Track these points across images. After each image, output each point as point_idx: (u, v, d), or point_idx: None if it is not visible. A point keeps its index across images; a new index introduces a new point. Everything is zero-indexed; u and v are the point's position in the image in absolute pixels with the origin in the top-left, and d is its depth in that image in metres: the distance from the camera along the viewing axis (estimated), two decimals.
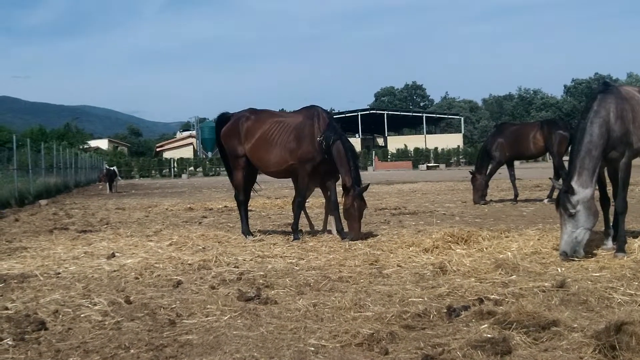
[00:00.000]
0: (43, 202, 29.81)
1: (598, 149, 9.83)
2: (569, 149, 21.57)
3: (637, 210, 15.28)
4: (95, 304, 7.70)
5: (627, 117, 10.14)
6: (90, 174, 66.46)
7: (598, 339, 5.66)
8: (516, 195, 22.03)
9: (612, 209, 10.82)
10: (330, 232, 13.45)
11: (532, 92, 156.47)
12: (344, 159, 12.75)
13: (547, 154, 22.99)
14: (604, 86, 10.56)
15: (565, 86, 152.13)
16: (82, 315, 7.25)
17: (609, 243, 10.69)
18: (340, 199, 13.10)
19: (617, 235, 10.35)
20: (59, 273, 9.93)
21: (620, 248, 10.02)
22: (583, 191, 9.66)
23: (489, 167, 22.28)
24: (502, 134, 22.31)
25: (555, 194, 20.75)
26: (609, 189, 11.03)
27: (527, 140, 21.81)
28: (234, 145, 13.73)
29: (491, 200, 22.27)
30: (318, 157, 12.86)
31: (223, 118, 14.42)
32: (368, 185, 12.97)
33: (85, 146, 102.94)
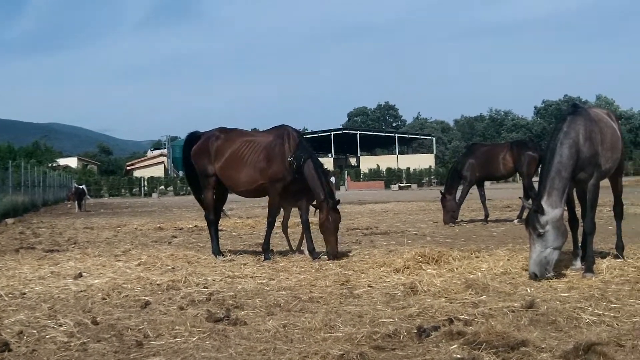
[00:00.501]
0: (10, 220, 29.50)
1: (567, 169, 9.90)
2: (539, 169, 21.78)
3: (605, 231, 15.37)
4: (61, 325, 7.59)
5: (596, 139, 10.22)
6: (59, 192, 66.05)
7: (566, 359, 5.66)
8: (487, 215, 22.11)
9: (580, 230, 10.89)
10: (303, 252, 13.42)
11: (503, 113, 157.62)
12: (316, 176, 12.74)
13: (517, 174, 23.16)
14: (573, 108, 10.64)
15: (535, 107, 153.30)
16: (47, 336, 7.13)
17: (578, 263, 10.75)
18: (312, 218, 13.08)
19: (585, 256, 10.41)
20: (25, 293, 9.79)
21: (589, 268, 10.06)
22: (552, 211, 9.71)
23: (460, 187, 22.41)
24: (473, 154, 22.45)
25: (525, 214, 20.91)
26: (578, 210, 11.10)
27: (497, 161, 21.95)
28: (204, 165, 13.68)
29: (462, 221, 22.34)
30: (288, 177, 12.84)
31: (193, 137, 14.37)
32: (338, 200, 12.95)
33: (54, 164, 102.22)
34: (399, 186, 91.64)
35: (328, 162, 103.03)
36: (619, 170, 11.57)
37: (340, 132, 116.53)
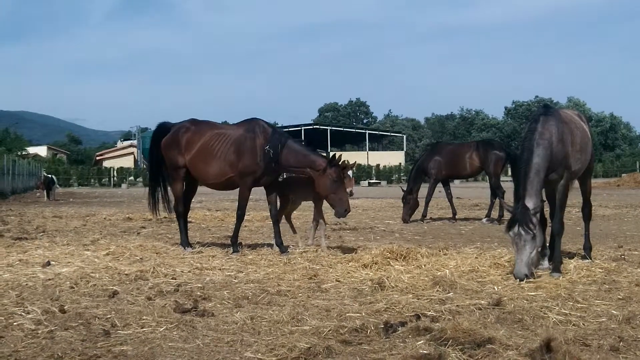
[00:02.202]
0: None
1: (544, 171, 9.97)
2: (505, 169, 21.89)
3: (573, 232, 15.50)
4: (28, 313, 7.56)
5: (567, 140, 10.30)
6: (28, 181, 65.50)
7: (532, 357, 5.74)
8: (454, 213, 22.18)
9: (548, 230, 10.96)
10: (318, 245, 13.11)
11: (473, 112, 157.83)
12: (302, 148, 12.77)
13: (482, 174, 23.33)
14: (544, 109, 10.70)
15: (505, 108, 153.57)
16: (14, 323, 7.11)
17: (545, 263, 10.80)
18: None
19: (553, 256, 10.47)
20: None
21: (556, 268, 10.14)
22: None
23: (428, 185, 22.50)
24: (440, 153, 22.48)
25: (495, 214, 21.02)
26: (546, 210, 11.18)
27: (463, 160, 22.02)
28: (174, 156, 13.60)
29: (430, 219, 22.39)
30: (259, 171, 12.77)
31: (162, 128, 14.24)
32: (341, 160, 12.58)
33: (24, 153, 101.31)
34: (369, 183, 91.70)
35: None
36: (589, 171, 11.66)
37: (311, 127, 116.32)
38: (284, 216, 13.95)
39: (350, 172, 12.53)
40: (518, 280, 9.46)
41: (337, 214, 12.37)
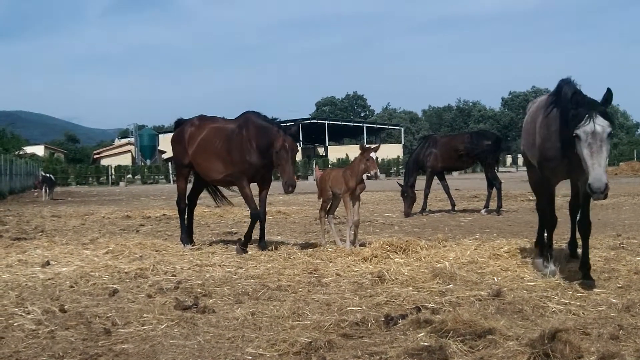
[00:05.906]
0: None
1: None
2: (500, 159, 21.82)
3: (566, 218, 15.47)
4: (28, 313, 7.57)
5: None
6: (26, 180, 65.35)
7: (533, 347, 5.74)
8: (453, 205, 22.19)
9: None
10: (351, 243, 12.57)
11: (470, 103, 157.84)
12: (258, 123, 12.57)
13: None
14: (565, 82, 9.85)
15: (502, 99, 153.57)
16: (15, 324, 7.12)
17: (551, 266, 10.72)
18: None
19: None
20: None
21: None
22: None
23: (425, 178, 22.46)
24: (435, 145, 22.39)
25: (493, 204, 21.00)
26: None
27: (457, 151, 21.92)
28: (179, 152, 13.60)
29: (430, 211, 22.36)
30: (251, 168, 12.51)
31: (178, 124, 14.12)
32: (298, 125, 12.48)
33: (21, 152, 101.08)
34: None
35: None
36: None
37: (309, 121, 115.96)
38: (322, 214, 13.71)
39: (373, 155, 12.33)
40: (598, 192, 7.72)
41: (284, 185, 12.08)
